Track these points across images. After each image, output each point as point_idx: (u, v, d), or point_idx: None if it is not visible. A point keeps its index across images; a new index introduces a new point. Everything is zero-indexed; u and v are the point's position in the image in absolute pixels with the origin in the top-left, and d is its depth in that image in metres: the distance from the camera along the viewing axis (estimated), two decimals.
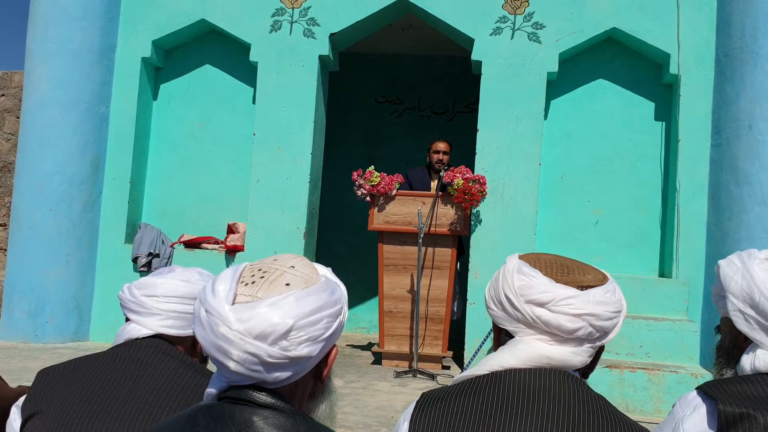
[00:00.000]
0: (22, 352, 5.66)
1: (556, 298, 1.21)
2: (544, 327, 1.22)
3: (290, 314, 1.01)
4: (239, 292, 1.05)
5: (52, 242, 6.14)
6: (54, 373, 1.58)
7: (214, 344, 1.03)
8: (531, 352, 1.22)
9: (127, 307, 1.70)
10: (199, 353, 1.77)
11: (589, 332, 1.22)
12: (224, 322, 1.01)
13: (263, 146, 6.29)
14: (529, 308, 1.22)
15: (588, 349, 1.24)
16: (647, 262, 6.14)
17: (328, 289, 1.09)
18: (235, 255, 6.22)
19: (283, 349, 1.01)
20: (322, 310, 1.06)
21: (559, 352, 1.22)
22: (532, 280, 1.24)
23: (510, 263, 1.32)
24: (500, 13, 6.11)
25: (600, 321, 1.22)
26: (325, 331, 1.06)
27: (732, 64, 5.65)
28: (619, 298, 1.27)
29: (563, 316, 1.20)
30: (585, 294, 1.22)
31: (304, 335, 1.02)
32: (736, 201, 5.50)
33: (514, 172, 5.97)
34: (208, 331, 1.03)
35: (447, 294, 5.74)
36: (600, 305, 1.22)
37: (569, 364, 1.22)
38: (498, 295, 1.29)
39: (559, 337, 1.22)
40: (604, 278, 1.27)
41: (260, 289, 1.05)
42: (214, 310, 1.02)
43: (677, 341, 5.34)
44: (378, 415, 4.23)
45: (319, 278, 1.10)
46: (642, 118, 6.23)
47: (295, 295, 1.03)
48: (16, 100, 7.79)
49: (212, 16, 6.44)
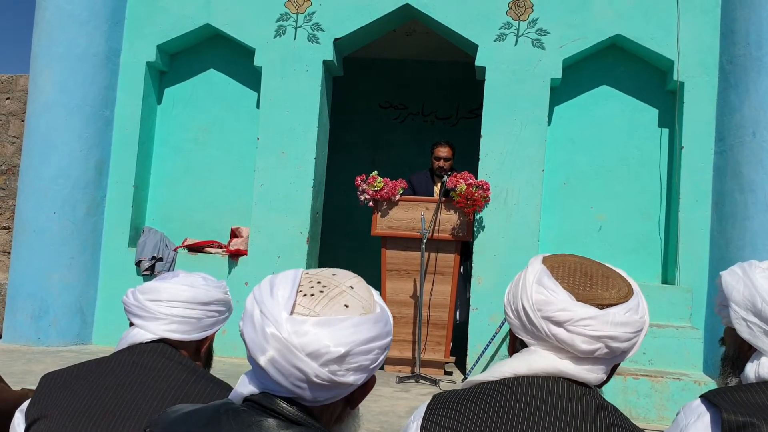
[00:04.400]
0: (25, 355, 5.67)
1: (574, 318, 1.17)
2: (559, 345, 1.19)
3: (347, 340, 1.00)
4: (298, 301, 1.02)
5: (56, 245, 6.15)
6: (58, 377, 1.58)
7: (260, 347, 1.00)
8: (545, 363, 1.20)
9: (131, 312, 1.71)
10: (203, 358, 1.77)
11: (606, 353, 1.19)
12: (279, 330, 0.99)
13: (267, 151, 6.30)
14: (546, 324, 1.20)
15: (603, 367, 1.21)
16: (650, 268, 6.13)
17: (383, 320, 1.07)
18: (238, 259, 6.23)
19: (332, 372, 0.99)
20: (376, 341, 1.04)
21: (574, 368, 1.19)
22: (551, 295, 1.20)
23: (531, 270, 1.27)
24: (504, 19, 6.12)
25: (618, 343, 1.19)
26: (373, 362, 1.05)
27: (736, 71, 5.65)
28: (641, 316, 1.22)
29: (579, 337, 1.17)
30: (604, 315, 1.18)
31: (354, 363, 1.01)
32: (739, 208, 5.49)
33: (517, 177, 5.97)
34: (259, 334, 1.01)
35: (450, 299, 5.74)
36: (619, 326, 1.18)
37: (584, 379, 1.20)
38: (516, 303, 1.26)
39: (575, 356, 1.20)
40: (629, 293, 1.22)
41: (319, 304, 1.02)
42: (270, 314, 1.00)
43: (681, 348, 5.32)
44: (381, 420, 4.22)
45: (375, 306, 1.08)
46: (645, 124, 6.23)
47: (354, 321, 1.01)
48: (21, 103, 7.82)
49: (217, 20, 6.46)
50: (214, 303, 1.73)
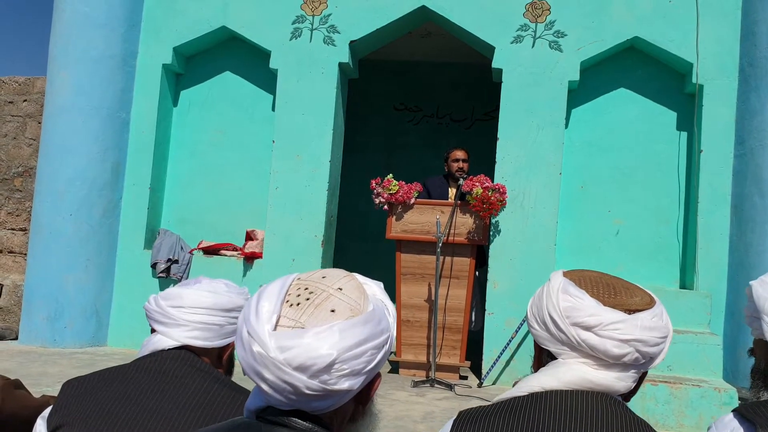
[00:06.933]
0: (41, 356, 5.69)
1: (604, 322, 1.17)
2: (589, 351, 1.18)
3: (333, 348, 0.97)
4: (283, 314, 1.01)
5: (72, 247, 6.17)
6: (80, 385, 1.56)
7: (251, 366, 1.00)
8: (574, 375, 1.19)
9: (153, 318, 1.69)
10: (225, 365, 1.76)
11: (636, 358, 1.19)
12: (264, 348, 0.98)
13: (282, 153, 6.29)
14: (575, 331, 1.19)
15: (633, 374, 1.21)
16: (668, 273, 6.06)
17: (375, 319, 1.04)
18: (253, 262, 6.22)
19: (322, 382, 0.98)
20: (367, 342, 1.01)
21: (604, 377, 1.18)
22: (578, 301, 1.20)
23: (554, 281, 1.27)
24: (521, 21, 6.08)
25: (647, 347, 1.19)
26: (367, 364, 1.02)
27: (757, 73, 5.58)
28: (666, 323, 1.22)
29: (610, 341, 1.17)
30: (633, 319, 1.18)
31: (346, 369, 0.99)
32: (759, 212, 5.42)
33: (534, 181, 5.93)
34: (248, 353, 1.00)
35: (465, 303, 5.70)
36: (648, 331, 1.18)
37: (613, 389, 1.19)
38: (542, 314, 1.24)
39: (605, 362, 1.19)
40: (651, 301, 1.23)
41: (304, 314, 1.01)
42: (255, 333, 0.99)
43: (700, 355, 5.26)
44: (397, 425, 4.20)
45: (367, 305, 1.05)
46: (664, 127, 6.17)
47: (339, 327, 0.99)
48: (38, 105, 7.86)
49: (233, 23, 6.46)
50: (236, 309, 1.71)
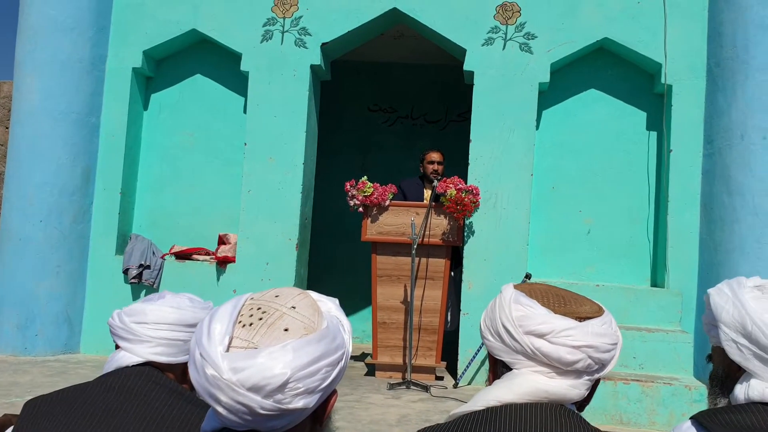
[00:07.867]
0: (11, 365, 5.60)
1: (556, 329, 1.20)
2: (543, 359, 1.20)
3: (287, 366, 0.97)
4: (236, 335, 1.01)
5: (43, 254, 6.08)
6: (42, 404, 1.54)
7: (205, 388, 1.00)
8: (529, 386, 1.21)
9: (116, 334, 1.68)
10: (190, 381, 1.75)
11: (588, 364, 1.21)
12: (216, 370, 0.97)
13: (255, 156, 6.26)
14: (529, 339, 1.21)
15: (586, 381, 1.23)
16: (639, 272, 6.14)
17: (329, 336, 1.04)
18: (226, 266, 6.18)
19: (277, 401, 0.97)
20: (321, 360, 1.01)
21: (558, 385, 1.21)
22: (530, 310, 1.23)
23: (506, 293, 1.29)
24: (492, 23, 6.11)
25: (599, 353, 1.21)
26: (323, 381, 1.02)
27: (724, 74, 5.67)
28: (615, 330, 1.26)
29: (563, 347, 1.19)
30: (584, 326, 1.21)
31: (301, 387, 0.99)
32: (728, 211, 5.51)
33: (506, 182, 5.97)
34: (201, 375, 1.00)
35: (440, 304, 5.72)
36: (599, 337, 1.21)
37: (567, 397, 1.21)
38: (495, 325, 1.26)
39: (558, 370, 1.21)
40: (600, 310, 1.27)
41: (257, 334, 1.00)
42: (207, 355, 0.99)
43: (671, 352, 5.33)
44: (372, 429, 4.20)
45: (321, 322, 1.05)
46: (634, 127, 6.24)
47: (293, 346, 0.99)
48: (5, 110, 7.74)
49: (203, 26, 6.41)
50: None
